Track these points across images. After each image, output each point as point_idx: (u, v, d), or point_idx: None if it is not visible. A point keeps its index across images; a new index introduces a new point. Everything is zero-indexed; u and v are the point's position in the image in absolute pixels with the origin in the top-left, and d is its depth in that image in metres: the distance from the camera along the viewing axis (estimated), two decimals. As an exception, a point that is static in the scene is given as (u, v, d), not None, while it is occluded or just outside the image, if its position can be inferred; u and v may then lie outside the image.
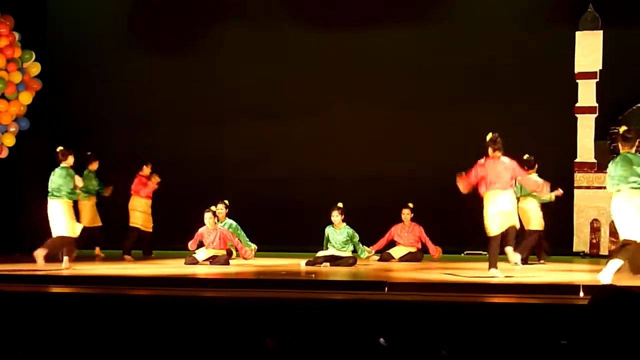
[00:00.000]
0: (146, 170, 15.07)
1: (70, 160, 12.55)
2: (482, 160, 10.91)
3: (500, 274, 10.68)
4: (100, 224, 15.04)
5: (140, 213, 14.98)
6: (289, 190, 16.66)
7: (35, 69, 15.49)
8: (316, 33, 16.96)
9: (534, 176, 12.85)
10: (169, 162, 16.45)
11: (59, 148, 12.54)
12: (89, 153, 14.97)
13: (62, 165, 12.44)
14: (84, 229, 12.96)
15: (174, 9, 17.40)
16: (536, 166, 13.46)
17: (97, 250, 15.15)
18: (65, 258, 12.28)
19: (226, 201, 14.47)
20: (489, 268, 10.85)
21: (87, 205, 14.76)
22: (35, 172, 16.66)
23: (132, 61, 17.51)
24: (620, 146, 10.04)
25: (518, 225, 11.09)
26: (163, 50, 17.46)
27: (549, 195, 13.17)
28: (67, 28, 17.64)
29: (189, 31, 17.48)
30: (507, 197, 10.83)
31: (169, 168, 16.01)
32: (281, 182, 16.70)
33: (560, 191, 13.49)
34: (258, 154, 16.97)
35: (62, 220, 12.28)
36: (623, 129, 10.16)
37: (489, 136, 10.92)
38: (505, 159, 10.88)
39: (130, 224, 14.95)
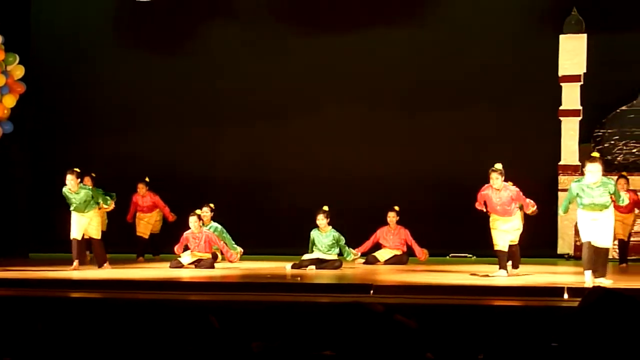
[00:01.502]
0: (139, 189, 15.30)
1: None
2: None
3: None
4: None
5: (143, 223, 15.37)
6: (274, 193, 16.64)
7: (19, 71, 15.42)
8: (307, 34, 16.90)
9: None
10: (156, 165, 16.41)
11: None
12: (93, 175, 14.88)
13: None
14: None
15: (161, 9, 17.23)
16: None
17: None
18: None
19: (211, 204, 14.43)
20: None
21: None
22: (19, 176, 16.64)
23: (118, 63, 17.39)
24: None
25: None
26: (150, 51, 17.36)
27: None
28: (52, 30, 17.54)
29: (176, 32, 17.36)
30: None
31: (155, 170, 15.95)
32: (267, 185, 16.68)
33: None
34: (244, 156, 16.92)
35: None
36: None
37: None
38: None
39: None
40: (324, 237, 13.55)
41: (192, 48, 17.27)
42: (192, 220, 13.43)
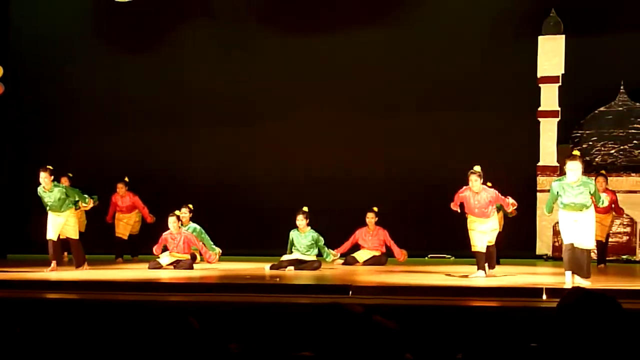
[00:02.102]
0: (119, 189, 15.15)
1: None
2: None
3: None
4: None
5: (122, 224, 15.26)
6: (253, 193, 16.62)
7: (-3, 72, 15.36)
8: (284, 36, 16.93)
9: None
10: (134, 166, 16.35)
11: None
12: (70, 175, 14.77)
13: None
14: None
15: (139, 10, 17.13)
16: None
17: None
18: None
19: (190, 205, 14.39)
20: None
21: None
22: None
23: (97, 64, 17.34)
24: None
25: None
26: (128, 52, 17.32)
27: None
28: (30, 30, 17.45)
29: (154, 33, 17.33)
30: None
31: (134, 171, 15.88)
32: (246, 185, 16.66)
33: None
34: (224, 157, 16.91)
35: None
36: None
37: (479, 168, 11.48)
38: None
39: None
40: (303, 237, 13.52)
41: (170, 49, 17.24)
42: (171, 220, 13.39)
